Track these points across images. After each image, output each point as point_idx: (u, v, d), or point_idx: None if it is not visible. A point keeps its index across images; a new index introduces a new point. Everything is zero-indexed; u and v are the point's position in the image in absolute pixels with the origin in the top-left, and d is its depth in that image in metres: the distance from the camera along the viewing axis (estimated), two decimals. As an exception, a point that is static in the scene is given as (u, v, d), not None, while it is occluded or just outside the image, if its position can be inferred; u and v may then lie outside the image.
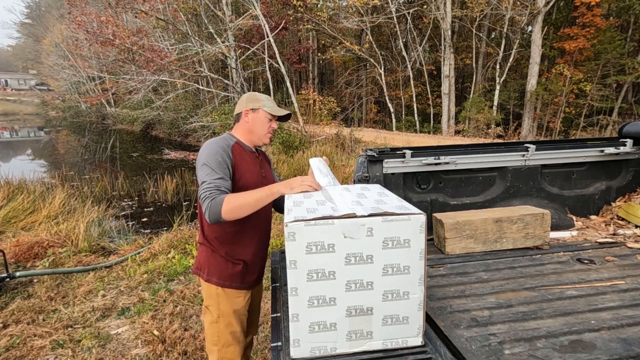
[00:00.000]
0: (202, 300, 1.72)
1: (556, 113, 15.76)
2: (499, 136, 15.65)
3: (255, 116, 1.65)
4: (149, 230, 5.57)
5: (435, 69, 20.15)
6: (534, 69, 15.18)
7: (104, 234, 5.05)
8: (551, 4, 15.06)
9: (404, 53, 19.59)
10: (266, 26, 12.83)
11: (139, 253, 4.18)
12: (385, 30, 21.81)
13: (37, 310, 3.04)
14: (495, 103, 17.07)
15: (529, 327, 1.21)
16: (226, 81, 14.79)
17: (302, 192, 1.36)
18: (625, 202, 2.37)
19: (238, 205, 1.38)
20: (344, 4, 20.76)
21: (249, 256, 1.69)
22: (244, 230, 1.65)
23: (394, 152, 2.20)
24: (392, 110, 19.96)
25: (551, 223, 1.96)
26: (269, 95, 15.15)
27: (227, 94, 15.31)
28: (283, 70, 13.60)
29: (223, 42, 14.62)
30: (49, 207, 5.51)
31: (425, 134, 17.86)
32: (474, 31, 18.28)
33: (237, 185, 1.56)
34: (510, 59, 16.79)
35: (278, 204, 1.82)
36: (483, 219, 1.87)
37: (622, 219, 2.28)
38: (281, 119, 1.74)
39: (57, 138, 22.15)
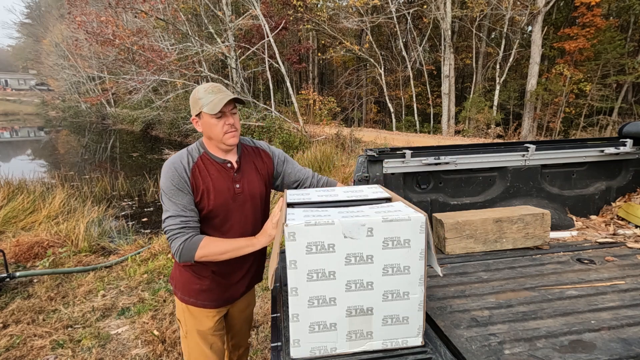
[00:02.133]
0: None
1: (556, 113, 15.76)
2: (499, 136, 15.65)
3: (203, 123, 1.40)
4: (149, 230, 5.57)
5: (435, 69, 20.15)
6: (534, 69, 15.18)
7: (104, 234, 5.05)
8: (551, 4, 15.06)
9: (404, 53, 19.59)
10: (266, 26, 12.83)
11: (139, 253, 4.18)
12: (385, 30, 21.81)
13: (37, 310, 3.04)
14: (495, 103, 17.07)
15: (529, 327, 1.21)
16: (226, 81, 14.78)
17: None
18: (625, 202, 2.37)
19: (215, 253, 1.29)
20: (344, 4, 20.76)
21: (222, 272, 1.49)
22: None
23: (394, 152, 2.20)
24: (392, 110, 19.96)
25: (551, 223, 1.96)
26: (269, 95, 15.12)
27: (227, 94, 15.28)
28: (283, 70, 13.60)
29: (223, 42, 14.62)
30: (49, 207, 5.51)
31: (425, 134, 17.86)
32: (474, 31, 18.28)
33: (203, 212, 1.39)
34: (510, 59, 16.79)
35: (281, 185, 1.62)
36: (483, 219, 1.87)
37: (622, 219, 2.28)
38: (239, 101, 1.42)
39: (57, 138, 22.15)
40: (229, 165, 1.45)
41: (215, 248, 1.29)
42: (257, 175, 1.52)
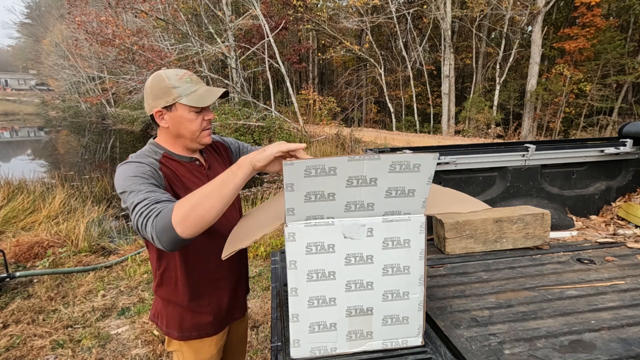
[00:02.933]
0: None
1: (556, 113, 15.77)
2: (499, 136, 15.66)
3: (173, 116, 1.15)
4: (149, 230, 5.56)
5: (435, 69, 20.16)
6: (534, 69, 15.19)
7: (104, 234, 5.05)
8: (551, 4, 15.06)
9: (404, 53, 19.60)
10: (266, 26, 12.84)
11: (139, 253, 4.18)
12: (385, 30, 21.82)
13: (37, 310, 3.04)
14: (495, 103, 17.08)
15: (529, 327, 1.21)
16: (226, 81, 14.79)
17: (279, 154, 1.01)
18: (625, 202, 2.37)
19: (195, 204, 0.93)
20: (344, 4, 20.77)
21: (223, 301, 1.34)
22: (214, 270, 1.28)
23: (394, 152, 2.20)
24: (392, 110, 19.97)
25: (551, 223, 1.96)
26: (269, 96, 15.13)
27: (227, 94, 15.29)
28: (283, 70, 13.61)
29: (223, 42, 14.63)
30: (49, 207, 5.51)
31: (425, 134, 17.87)
32: (474, 31, 18.29)
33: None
34: (510, 59, 16.80)
35: None
36: (483, 219, 1.87)
37: (622, 219, 2.28)
38: (225, 94, 1.22)
39: (57, 138, 22.15)
40: (197, 163, 1.26)
41: (193, 198, 0.94)
42: (223, 170, 1.36)
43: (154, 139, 1.25)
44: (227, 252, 0.99)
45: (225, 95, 1.22)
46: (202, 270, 1.27)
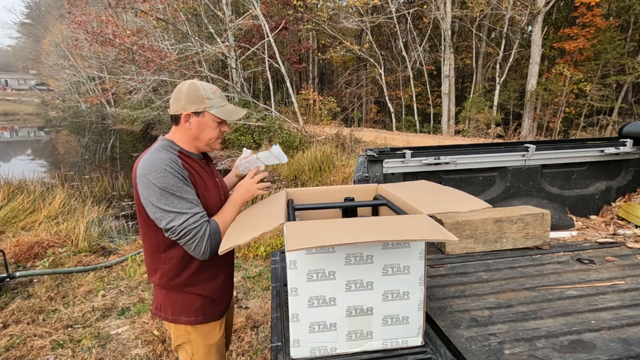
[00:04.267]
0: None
1: (556, 113, 15.77)
2: (499, 136, 15.66)
3: (200, 121, 1.28)
4: (149, 230, 5.56)
5: (435, 69, 20.15)
6: (534, 69, 15.18)
7: (104, 234, 5.05)
8: (551, 4, 15.06)
9: (404, 53, 19.60)
10: (266, 26, 12.84)
11: (139, 253, 4.18)
12: (385, 30, 21.82)
13: (37, 310, 3.04)
14: (495, 103, 17.07)
15: (529, 327, 1.21)
16: (226, 81, 14.79)
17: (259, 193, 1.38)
18: (625, 202, 2.37)
19: (229, 223, 1.25)
20: (344, 4, 20.77)
21: (217, 287, 1.42)
22: (216, 255, 1.34)
23: (394, 152, 2.20)
24: (392, 110, 19.97)
25: (551, 223, 1.96)
26: (269, 95, 15.15)
27: (227, 94, 15.31)
28: (283, 70, 13.61)
29: (223, 42, 14.63)
30: (49, 207, 5.50)
31: (425, 134, 17.87)
32: (474, 31, 18.29)
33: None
34: (510, 59, 16.80)
35: None
36: (483, 219, 1.87)
37: (622, 219, 2.28)
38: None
39: (57, 138, 22.15)
40: (203, 161, 1.40)
41: (227, 221, 1.27)
42: (219, 173, 1.53)
43: (163, 135, 1.35)
44: (225, 247, 1.01)
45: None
46: (201, 262, 1.35)
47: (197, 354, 1.40)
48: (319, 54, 23.52)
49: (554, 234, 2.11)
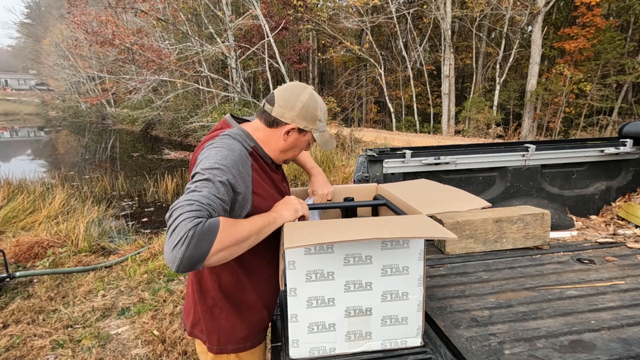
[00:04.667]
0: None
1: (556, 113, 15.77)
2: (499, 136, 15.66)
3: (298, 138, 1.14)
4: (149, 230, 5.57)
5: (435, 69, 20.16)
6: (534, 69, 15.18)
7: (104, 234, 5.05)
8: (551, 4, 15.06)
9: (404, 53, 19.60)
10: (266, 26, 12.84)
11: (139, 253, 4.18)
12: (385, 30, 21.82)
13: (37, 310, 3.04)
14: (495, 103, 17.08)
15: (529, 327, 1.21)
16: (226, 81, 14.79)
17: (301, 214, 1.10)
18: (625, 202, 2.37)
19: (239, 238, 0.88)
20: (344, 4, 20.77)
21: (269, 305, 1.25)
22: (264, 263, 1.19)
23: (394, 152, 2.20)
24: (392, 110, 19.97)
25: (551, 223, 1.96)
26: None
27: (227, 94, 15.32)
28: (283, 70, 13.61)
29: (223, 42, 14.62)
30: (49, 207, 5.51)
31: (425, 134, 17.87)
32: (474, 31, 18.29)
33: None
34: (510, 59, 16.80)
35: None
36: (483, 219, 1.87)
37: (622, 219, 2.28)
38: None
39: (57, 138, 22.16)
40: (273, 164, 1.21)
41: (237, 233, 0.88)
42: (288, 188, 1.36)
43: (241, 124, 1.17)
44: (281, 279, 0.98)
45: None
46: (260, 272, 1.19)
47: None
48: (319, 54, 23.52)
49: (554, 234, 2.11)
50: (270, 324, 1.34)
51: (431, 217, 1.68)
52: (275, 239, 1.15)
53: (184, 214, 0.81)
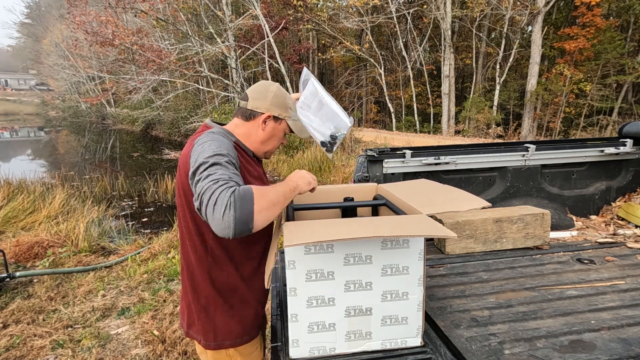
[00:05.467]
0: None
1: (556, 113, 15.76)
2: (499, 136, 15.66)
3: (275, 127, 1.24)
4: (149, 230, 5.57)
5: (435, 69, 20.16)
6: (534, 69, 15.18)
7: (104, 234, 5.05)
8: (551, 4, 15.06)
9: (404, 53, 19.60)
10: (266, 26, 12.84)
11: (139, 253, 4.18)
12: (385, 30, 21.82)
13: (37, 310, 3.04)
14: (495, 103, 17.07)
15: (529, 327, 1.21)
16: (226, 81, 14.79)
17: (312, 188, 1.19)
18: (625, 202, 2.37)
19: (272, 201, 0.95)
20: (344, 4, 20.77)
21: (263, 291, 1.29)
22: (256, 258, 1.23)
23: (394, 152, 2.20)
24: (392, 110, 19.97)
25: (551, 223, 1.96)
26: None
27: (227, 94, 15.32)
28: (283, 70, 13.61)
29: (223, 42, 14.62)
30: (49, 207, 5.51)
31: (425, 134, 17.87)
32: (474, 31, 18.29)
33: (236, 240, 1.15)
34: (510, 59, 16.80)
35: None
36: (483, 219, 1.87)
37: (622, 219, 2.28)
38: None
39: (57, 138, 22.16)
40: (255, 159, 1.29)
41: (268, 194, 0.95)
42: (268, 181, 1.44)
43: (221, 126, 1.24)
44: (267, 279, 0.99)
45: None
46: (251, 268, 1.23)
47: None
48: (319, 54, 23.52)
49: (554, 234, 2.11)
50: (270, 323, 1.36)
51: (431, 217, 1.68)
52: (267, 234, 1.25)
53: (217, 189, 0.89)
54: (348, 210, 1.60)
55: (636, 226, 2.16)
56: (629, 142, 2.32)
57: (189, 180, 1.02)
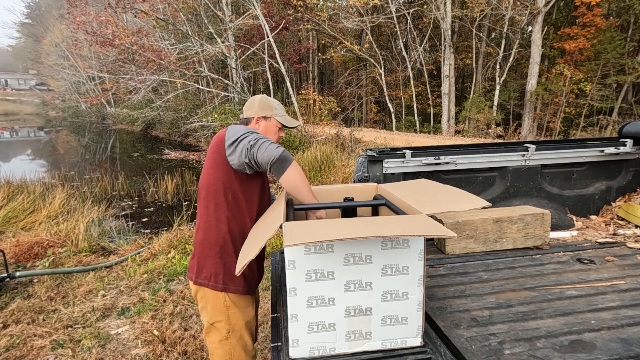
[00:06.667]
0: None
1: (556, 113, 15.76)
2: (499, 136, 15.66)
3: (267, 124, 1.59)
4: (149, 230, 5.57)
5: (435, 69, 20.15)
6: (534, 69, 15.18)
7: (104, 234, 5.04)
8: (551, 4, 15.05)
9: (404, 53, 19.60)
10: (266, 26, 12.83)
11: (139, 253, 4.18)
12: (385, 30, 21.81)
13: (37, 310, 3.04)
14: (495, 103, 17.07)
15: (529, 327, 1.21)
16: (226, 81, 14.78)
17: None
18: (625, 202, 2.37)
19: (301, 179, 1.36)
20: (344, 4, 20.76)
21: (253, 262, 1.57)
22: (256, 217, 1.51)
23: (394, 152, 2.20)
24: (392, 110, 19.96)
25: (551, 223, 1.96)
26: (269, 95, 15.14)
27: (227, 94, 15.31)
28: (283, 70, 13.61)
29: (223, 42, 14.62)
30: (49, 207, 5.51)
31: (425, 134, 17.87)
32: (474, 31, 18.28)
33: (245, 198, 1.47)
34: (510, 59, 16.79)
35: None
36: (483, 219, 1.87)
37: (622, 219, 2.28)
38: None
39: (57, 138, 22.16)
40: None
41: (301, 174, 1.37)
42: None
43: None
44: (240, 266, 0.98)
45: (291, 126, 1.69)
46: (252, 224, 1.49)
47: (233, 331, 1.48)
48: (319, 54, 23.51)
49: (554, 234, 2.11)
50: (270, 323, 1.40)
51: (431, 217, 1.68)
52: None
53: (270, 144, 1.33)
54: (348, 210, 1.60)
55: (636, 226, 2.16)
56: (629, 142, 2.32)
57: (230, 145, 1.36)
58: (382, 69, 19.69)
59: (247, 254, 1.03)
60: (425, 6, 18.32)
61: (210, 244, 1.47)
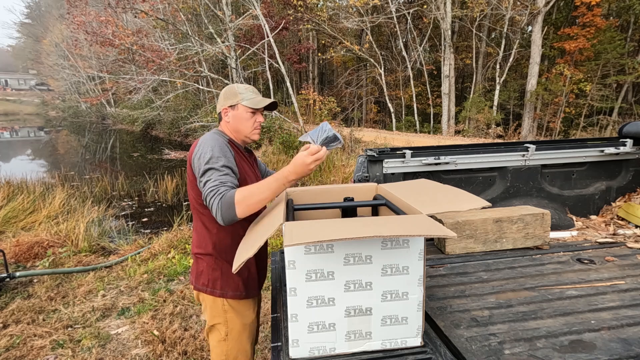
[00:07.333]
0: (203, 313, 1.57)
1: (556, 113, 15.76)
2: (499, 136, 15.66)
3: (235, 113, 1.48)
4: (149, 230, 5.57)
5: (435, 69, 20.15)
6: (534, 69, 15.18)
7: (104, 234, 5.04)
8: (551, 4, 15.06)
9: (404, 53, 19.60)
10: (266, 26, 12.83)
11: (139, 253, 4.18)
12: (385, 30, 21.81)
13: (37, 310, 3.04)
14: (495, 103, 17.07)
15: (529, 327, 1.21)
16: (226, 81, 14.78)
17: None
18: (625, 202, 2.37)
19: (254, 202, 1.23)
20: (344, 4, 20.76)
21: (256, 259, 1.58)
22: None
23: (394, 152, 2.20)
24: (392, 110, 19.96)
25: (551, 223, 1.96)
26: (269, 95, 15.16)
27: (227, 94, 15.30)
28: (283, 70, 13.60)
29: (223, 42, 14.61)
30: (49, 207, 5.51)
31: (425, 134, 17.87)
32: (474, 31, 18.28)
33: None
34: (510, 59, 16.79)
35: None
36: (483, 219, 1.87)
37: (622, 219, 2.27)
38: (268, 108, 1.54)
39: (57, 138, 22.16)
40: (246, 153, 1.58)
41: (252, 196, 1.23)
42: (258, 170, 1.69)
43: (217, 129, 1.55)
44: (237, 265, 0.98)
45: (273, 107, 1.56)
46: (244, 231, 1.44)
47: (232, 333, 1.49)
48: (319, 54, 23.52)
49: (554, 234, 2.11)
50: (270, 323, 1.40)
51: (431, 217, 1.67)
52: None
53: (211, 198, 1.25)
54: (348, 210, 1.60)
55: (636, 226, 2.16)
56: (629, 142, 2.32)
57: (199, 180, 1.33)
58: (382, 69, 19.70)
59: (245, 252, 1.04)
60: (425, 6, 18.32)
61: (204, 253, 1.48)
